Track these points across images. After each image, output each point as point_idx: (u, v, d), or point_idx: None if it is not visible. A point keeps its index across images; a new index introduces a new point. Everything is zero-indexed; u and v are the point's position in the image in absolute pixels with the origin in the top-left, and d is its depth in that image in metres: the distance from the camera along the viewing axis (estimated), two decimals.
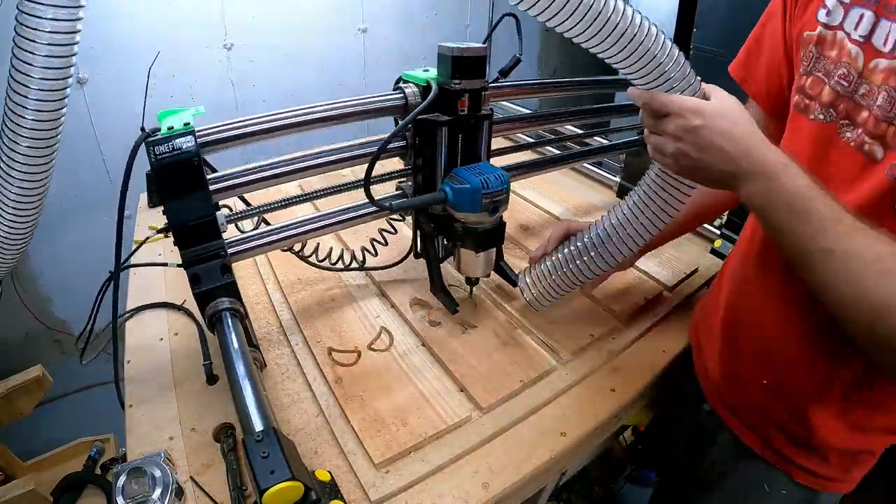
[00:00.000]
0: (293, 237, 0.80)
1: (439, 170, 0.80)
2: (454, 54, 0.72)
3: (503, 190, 0.75)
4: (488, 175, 0.74)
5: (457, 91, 0.74)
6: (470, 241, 0.80)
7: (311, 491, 0.47)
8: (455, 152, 0.79)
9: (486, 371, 0.77)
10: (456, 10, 2.58)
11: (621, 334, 0.88)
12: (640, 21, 0.53)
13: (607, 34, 0.53)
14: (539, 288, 0.82)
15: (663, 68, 0.56)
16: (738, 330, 0.73)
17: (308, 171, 0.77)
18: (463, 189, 0.74)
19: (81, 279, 1.88)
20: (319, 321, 0.87)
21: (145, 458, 0.60)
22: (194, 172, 0.64)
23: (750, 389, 0.73)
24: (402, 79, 0.82)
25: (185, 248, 0.67)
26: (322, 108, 0.76)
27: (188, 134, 0.63)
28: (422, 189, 0.84)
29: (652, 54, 0.55)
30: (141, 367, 0.79)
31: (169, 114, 0.66)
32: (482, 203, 0.74)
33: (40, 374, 1.21)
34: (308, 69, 2.21)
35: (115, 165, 1.91)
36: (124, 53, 1.75)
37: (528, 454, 0.67)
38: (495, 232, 0.81)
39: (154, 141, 0.62)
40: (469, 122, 0.78)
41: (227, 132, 0.69)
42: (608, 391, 0.77)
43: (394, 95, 0.80)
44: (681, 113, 0.55)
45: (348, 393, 0.73)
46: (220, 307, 0.67)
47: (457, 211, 0.76)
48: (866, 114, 0.52)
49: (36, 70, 0.52)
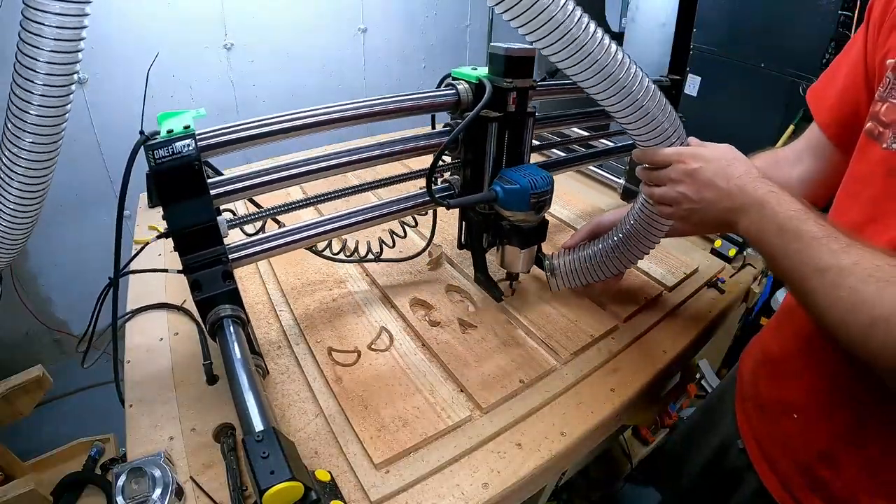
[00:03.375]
0: (298, 242, 0.78)
1: (487, 164, 0.84)
2: (508, 54, 0.75)
3: (548, 190, 0.79)
4: (535, 176, 0.78)
5: (507, 89, 0.77)
6: (516, 239, 0.84)
7: (311, 491, 0.47)
8: (502, 147, 0.83)
9: (486, 371, 0.77)
10: (456, 9, 2.58)
11: (621, 334, 0.88)
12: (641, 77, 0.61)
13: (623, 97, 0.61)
14: (562, 272, 0.89)
15: (662, 126, 0.65)
16: (781, 355, 0.70)
17: (320, 174, 0.76)
18: (513, 189, 0.78)
19: (81, 279, 1.90)
20: (319, 321, 0.87)
21: (145, 458, 0.60)
22: (195, 177, 0.63)
23: (782, 419, 0.67)
24: (451, 76, 0.84)
25: (185, 254, 0.66)
26: (369, 103, 0.76)
27: (188, 137, 0.62)
28: (469, 182, 0.87)
29: (651, 113, 0.63)
30: (141, 367, 0.79)
31: (169, 116, 0.65)
32: (530, 202, 0.77)
33: (40, 374, 1.21)
34: (308, 69, 2.22)
35: (115, 165, 1.91)
36: (124, 53, 1.75)
37: (528, 454, 0.67)
38: (539, 230, 0.85)
39: (153, 145, 0.61)
40: (516, 118, 0.81)
41: (229, 135, 0.67)
42: (608, 391, 0.77)
43: (446, 92, 0.82)
44: (680, 159, 0.62)
45: (348, 393, 0.73)
46: (222, 314, 0.67)
47: (505, 209, 0.80)
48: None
49: (41, 65, 0.50)
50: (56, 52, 0.51)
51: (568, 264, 0.88)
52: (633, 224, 0.80)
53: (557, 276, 0.89)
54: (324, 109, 0.73)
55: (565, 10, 0.55)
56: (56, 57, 0.51)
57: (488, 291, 0.93)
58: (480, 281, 0.94)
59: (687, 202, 0.62)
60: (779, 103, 1.77)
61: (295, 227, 0.78)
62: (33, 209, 0.63)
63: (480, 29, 2.68)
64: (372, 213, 0.83)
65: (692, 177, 0.60)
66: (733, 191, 0.57)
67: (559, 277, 0.89)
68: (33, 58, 0.51)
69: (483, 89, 0.77)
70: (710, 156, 0.60)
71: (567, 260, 0.89)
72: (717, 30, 1.97)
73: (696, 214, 0.62)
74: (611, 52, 0.58)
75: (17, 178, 0.58)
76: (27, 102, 0.53)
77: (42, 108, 0.54)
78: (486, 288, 0.93)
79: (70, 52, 0.52)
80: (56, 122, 0.56)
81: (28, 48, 0.50)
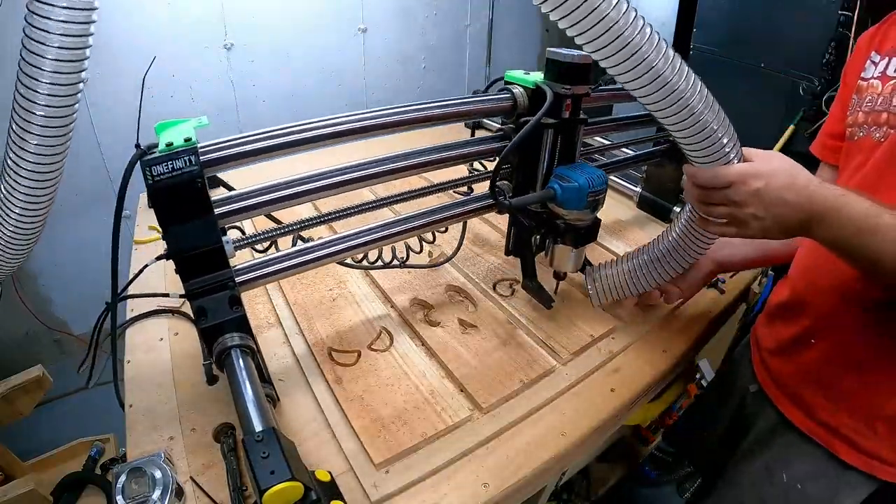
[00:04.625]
0: (315, 262, 0.71)
1: (541, 169, 0.83)
2: (570, 61, 0.74)
3: (605, 188, 0.79)
4: (592, 174, 0.78)
5: (563, 95, 0.76)
6: (570, 237, 0.84)
7: (311, 491, 0.47)
8: (554, 153, 0.82)
9: (486, 371, 0.77)
10: (456, 9, 2.58)
11: (621, 334, 0.88)
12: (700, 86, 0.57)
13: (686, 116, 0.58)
14: (601, 285, 0.88)
15: (721, 142, 0.60)
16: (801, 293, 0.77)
17: (342, 188, 0.69)
18: (571, 187, 0.77)
19: (81, 279, 1.90)
20: (319, 321, 0.87)
21: (145, 458, 0.60)
22: (197, 195, 0.57)
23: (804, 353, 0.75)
24: (505, 80, 0.84)
25: (188, 279, 0.60)
26: (413, 108, 0.72)
27: (189, 151, 0.55)
28: (521, 186, 0.86)
29: (712, 129, 0.59)
30: (141, 367, 0.79)
31: (168, 126, 0.58)
32: (587, 200, 0.77)
33: (40, 374, 1.21)
34: (308, 69, 2.21)
35: (115, 165, 1.91)
36: (124, 53, 1.75)
37: (528, 454, 0.67)
38: (592, 228, 0.84)
39: (150, 160, 0.54)
40: (570, 125, 0.80)
41: (237, 147, 0.61)
42: (608, 391, 0.77)
43: (503, 96, 0.81)
44: (742, 180, 0.59)
45: (348, 393, 0.73)
46: (229, 344, 0.61)
47: (563, 208, 0.79)
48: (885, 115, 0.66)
49: (47, 63, 0.49)
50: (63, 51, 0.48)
51: (609, 277, 0.87)
52: (677, 237, 0.77)
53: (598, 289, 0.88)
54: (356, 117, 0.66)
55: (619, 10, 0.49)
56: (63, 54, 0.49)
57: (537, 298, 0.90)
58: (529, 287, 0.91)
59: (756, 221, 0.60)
60: (779, 103, 1.77)
61: (312, 245, 0.72)
62: (39, 216, 0.60)
63: (480, 29, 2.68)
64: (401, 225, 0.78)
65: (758, 196, 0.58)
66: (804, 203, 0.57)
67: (600, 291, 0.88)
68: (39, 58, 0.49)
69: (540, 95, 0.76)
70: (770, 170, 0.58)
71: (609, 272, 0.87)
72: (717, 30, 1.97)
73: (767, 232, 0.60)
74: (668, 58, 0.53)
75: (22, 184, 0.56)
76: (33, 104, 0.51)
77: (48, 109, 0.52)
78: (534, 294, 0.90)
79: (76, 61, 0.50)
80: (61, 131, 0.54)
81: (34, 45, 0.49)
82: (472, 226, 1.15)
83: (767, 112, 1.81)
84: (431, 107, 0.74)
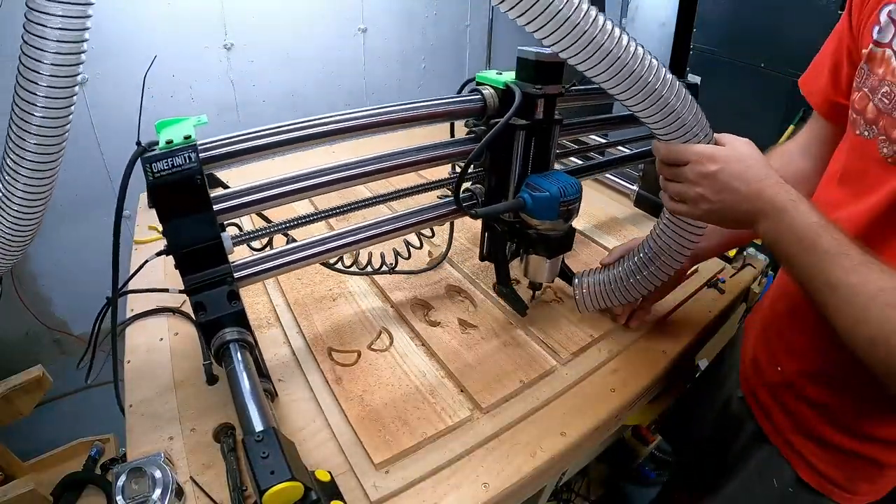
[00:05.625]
0: (310, 258, 0.73)
1: (513, 172, 0.80)
2: (538, 59, 0.72)
3: (578, 198, 0.77)
4: (565, 183, 0.75)
5: (535, 95, 0.74)
6: (542, 248, 0.81)
7: (311, 491, 0.47)
8: (528, 155, 0.79)
9: (486, 371, 0.77)
10: (456, 9, 2.58)
11: (621, 334, 0.88)
12: (664, 74, 0.58)
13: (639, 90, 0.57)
14: (587, 292, 0.87)
15: (683, 120, 0.61)
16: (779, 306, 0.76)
17: (332, 187, 0.71)
18: (542, 196, 0.75)
19: (81, 279, 1.90)
20: (319, 321, 0.87)
21: (145, 458, 0.60)
22: (196, 192, 0.58)
23: (777, 366, 0.74)
24: (476, 80, 0.81)
25: (187, 274, 0.62)
26: (385, 111, 0.71)
27: (189, 149, 0.57)
28: (494, 190, 0.84)
29: (672, 107, 0.59)
30: (141, 367, 0.79)
31: (168, 124, 0.60)
32: (559, 210, 0.75)
33: (40, 374, 1.21)
34: (308, 69, 2.21)
35: (115, 165, 1.91)
36: (124, 53, 1.75)
37: (528, 454, 0.67)
38: (566, 239, 0.82)
39: (151, 157, 0.56)
40: (543, 126, 0.78)
41: (234, 145, 0.62)
42: (608, 391, 0.77)
43: (472, 97, 0.78)
44: (698, 160, 0.60)
45: (348, 393, 0.73)
46: (228, 338, 0.62)
47: (534, 218, 0.77)
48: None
49: (45, 66, 0.50)
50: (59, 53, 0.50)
51: (595, 284, 0.86)
52: (658, 239, 0.77)
53: (585, 296, 0.87)
54: (337, 117, 0.68)
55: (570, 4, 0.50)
56: (59, 58, 0.50)
57: (511, 305, 0.88)
58: (503, 294, 0.90)
59: (705, 202, 0.61)
60: (779, 103, 1.77)
61: (306, 243, 0.74)
62: (37, 212, 0.62)
63: (480, 29, 2.68)
64: (388, 225, 0.78)
65: (709, 179, 0.59)
66: (752, 195, 0.57)
67: (587, 298, 0.87)
68: (37, 60, 0.50)
69: (510, 95, 0.73)
70: (728, 157, 0.59)
71: (594, 279, 0.86)
72: (717, 30, 1.97)
73: (715, 215, 0.61)
74: (622, 44, 0.54)
75: (21, 181, 0.57)
76: (31, 104, 0.52)
77: (46, 110, 0.53)
78: (509, 301, 0.89)
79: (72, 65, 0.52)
80: (59, 124, 0.55)
81: (31, 49, 0.50)
82: (473, 224, 1.15)
83: (767, 112, 1.81)
84: (397, 110, 0.72)
